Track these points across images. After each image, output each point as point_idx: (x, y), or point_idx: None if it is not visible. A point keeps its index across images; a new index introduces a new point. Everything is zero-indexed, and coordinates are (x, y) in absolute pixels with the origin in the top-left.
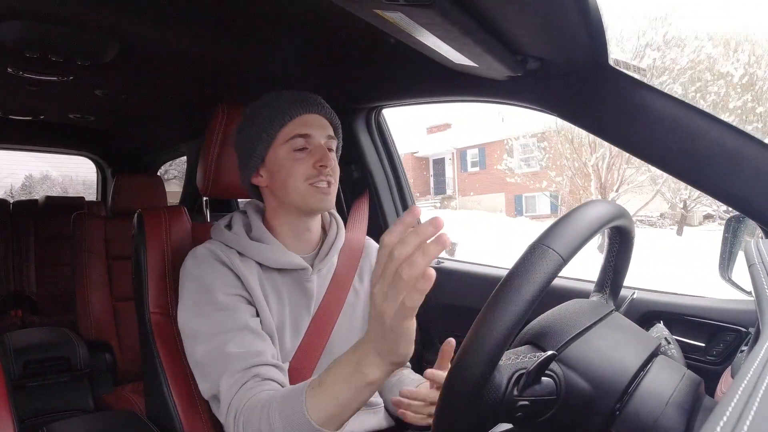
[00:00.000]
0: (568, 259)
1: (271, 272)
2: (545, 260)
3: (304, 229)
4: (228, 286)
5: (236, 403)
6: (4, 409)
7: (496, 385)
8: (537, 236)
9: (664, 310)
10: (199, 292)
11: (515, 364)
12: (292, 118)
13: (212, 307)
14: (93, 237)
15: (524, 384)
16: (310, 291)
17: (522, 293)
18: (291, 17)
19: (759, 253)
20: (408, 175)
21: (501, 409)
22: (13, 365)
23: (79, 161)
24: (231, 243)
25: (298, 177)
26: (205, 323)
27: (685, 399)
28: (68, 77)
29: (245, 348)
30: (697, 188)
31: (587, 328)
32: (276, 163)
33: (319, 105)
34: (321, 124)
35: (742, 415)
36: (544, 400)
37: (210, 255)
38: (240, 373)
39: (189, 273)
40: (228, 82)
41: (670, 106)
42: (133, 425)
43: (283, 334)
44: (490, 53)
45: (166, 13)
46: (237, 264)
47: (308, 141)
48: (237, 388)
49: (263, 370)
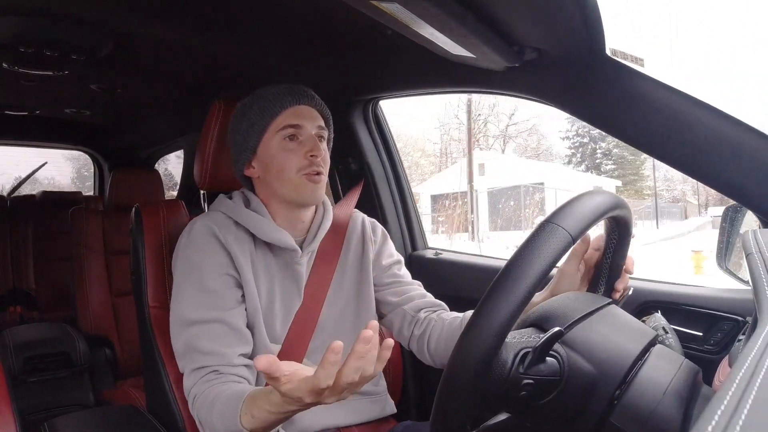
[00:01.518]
0: (577, 238)
1: (264, 249)
2: (554, 237)
3: (296, 219)
4: (217, 265)
5: (195, 390)
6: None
7: (502, 362)
8: (547, 215)
9: (662, 300)
10: (187, 271)
11: (521, 342)
12: (282, 109)
13: (197, 288)
14: (91, 232)
15: (530, 362)
16: (299, 273)
17: (532, 268)
18: (287, 10)
19: (756, 242)
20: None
21: (506, 386)
22: (13, 361)
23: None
24: (228, 211)
25: (291, 167)
26: (185, 305)
27: (683, 388)
28: (63, 72)
29: (215, 346)
30: (695, 178)
31: (589, 314)
32: (268, 154)
33: (309, 96)
34: (311, 115)
35: (740, 404)
36: (547, 381)
37: (204, 230)
38: (204, 369)
39: (181, 252)
40: (224, 75)
41: (667, 95)
42: (135, 420)
43: (272, 315)
44: (487, 44)
45: (160, 8)
46: (230, 241)
47: (299, 131)
48: (199, 377)
49: (226, 369)
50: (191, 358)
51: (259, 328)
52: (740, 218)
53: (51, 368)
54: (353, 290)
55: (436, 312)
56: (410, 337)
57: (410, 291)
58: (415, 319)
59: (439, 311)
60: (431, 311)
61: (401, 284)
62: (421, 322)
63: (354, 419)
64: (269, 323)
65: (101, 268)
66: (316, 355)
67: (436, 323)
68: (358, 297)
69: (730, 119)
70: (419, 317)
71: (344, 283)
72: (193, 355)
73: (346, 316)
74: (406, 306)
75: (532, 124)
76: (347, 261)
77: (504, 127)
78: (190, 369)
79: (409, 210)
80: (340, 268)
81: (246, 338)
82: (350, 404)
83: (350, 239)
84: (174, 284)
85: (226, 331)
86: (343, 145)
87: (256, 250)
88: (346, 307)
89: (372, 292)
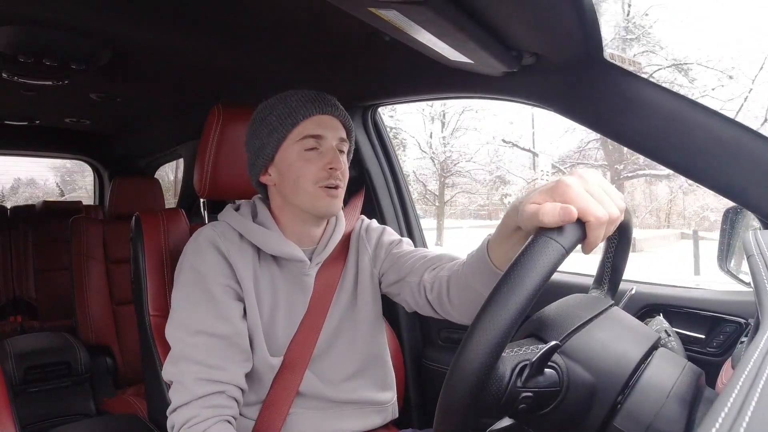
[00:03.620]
0: (570, 250)
1: (268, 261)
2: (548, 250)
3: (307, 232)
4: (220, 276)
5: (196, 411)
6: (6, 415)
7: (500, 376)
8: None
9: (664, 303)
10: (192, 279)
11: (518, 355)
12: (305, 117)
13: (202, 295)
14: (91, 241)
15: (528, 375)
16: (308, 285)
17: (526, 282)
18: (285, 17)
19: (757, 244)
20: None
21: (504, 401)
22: (14, 371)
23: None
24: (235, 223)
25: (308, 178)
26: (191, 312)
27: (687, 391)
28: (63, 81)
29: (211, 363)
30: (695, 180)
31: (589, 320)
32: (286, 162)
33: (333, 106)
34: (334, 125)
35: (744, 406)
36: (547, 392)
37: (208, 241)
38: (211, 385)
39: (187, 259)
40: (223, 82)
41: (666, 98)
42: (136, 428)
43: (274, 328)
44: (485, 49)
45: (159, 17)
46: (232, 252)
47: (320, 142)
48: (204, 392)
49: (231, 391)
50: (184, 367)
51: (258, 342)
52: (740, 220)
53: (52, 377)
54: (352, 294)
55: (442, 266)
56: (429, 305)
57: (409, 260)
58: (422, 284)
59: (444, 264)
60: (434, 269)
61: (401, 260)
62: (431, 286)
63: (355, 428)
64: (271, 336)
65: (101, 276)
66: (316, 364)
67: (448, 278)
68: (357, 301)
69: (728, 121)
70: (424, 282)
71: (344, 289)
72: (187, 365)
73: (345, 322)
74: (407, 278)
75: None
76: (348, 267)
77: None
78: (193, 377)
79: (410, 216)
80: (342, 275)
81: (249, 357)
82: (352, 413)
83: (351, 246)
84: (177, 290)
85: (224, 348)
86: None
87: (261, 262)
88: (345, 313)
89: (371, 294)
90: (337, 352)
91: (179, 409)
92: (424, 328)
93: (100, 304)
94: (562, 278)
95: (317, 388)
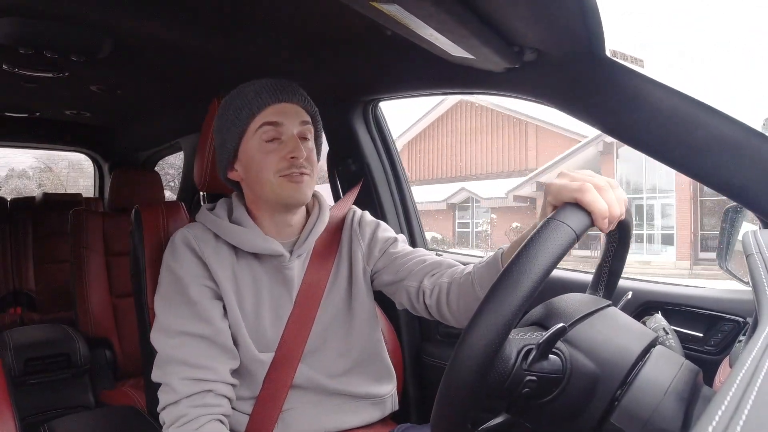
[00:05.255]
0: (581, 234)
1: (248, 258)
2: (559, 234)
3: (284, 223)
4: (197, 277)
5: (186, 409)
6: (6, 407)
7: (506, 357)
8: (552, 213)
9: (662, 301)
10: (170, 282)
11: (524, 339)
12: (260, 109)
13: (180, 298)
14: (91, 233)
15: (533, 358)
16: (289, 278)
17: (537, 263)
18: (287, 10)
19: (757, 243)
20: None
21: (508, 383)
22: (13, 363)
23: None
24: (209, 224)
25: (269, 169)
26: (171, 315)
27: (684, 388)
28: (63, 73)
29: (195, 362)
30: (695, 178)
31: (590, 314)
32: (248, 155)
33: (290, 92)
34: (294, 111)
35: (740, 404)
36: (550, 378)
37: (182, 242)
38: (199, 384)
39: (165, 262)
40: (223, 75)
41: (667, 96)
42: (135, 421)
43: (261, 323)
44: (486, 45)
45: (159, 8)
46: (207, 253)
47: (279, 130)
48: (192, 391)
49: (219, 388)
50: (171, 369)
51: (243, 340)
52: (740, 219)
53: (51, 369)
54: (346, 289)
55: (442, 273)
56: (426, 309)
57: (407, 263)
58: (421, 289)
59: (443, 271)
60: (434, 275)
61: (397, 261)
62: (431, 292)
63: (353, 422)
64: (258, 332)
65: (101, 269)
66: (311, 359)
67: (448, 285)
68: (352, 296)
69: (729, 120)
70: (424, 287)
71: (338, 282)
72: (174, 366)
73: (339, 317)
74: (406, 281)
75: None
76: (341, 260)
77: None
78: (179, 378)
79: (410, 211)
80: (335, 268)
81: (234, 354)
82: (350, 407)
83: (344, 238)
84: (157, 294)
85: (207, 347)
86: (343, 146)
87: (239, 260)
88: (340, 307)
89: (365, 289)
90: (333, 346)
91: (168, 407)
92: (422, 323)
93: (99, 296)
94: (561, 275)
95: (314, 381)
